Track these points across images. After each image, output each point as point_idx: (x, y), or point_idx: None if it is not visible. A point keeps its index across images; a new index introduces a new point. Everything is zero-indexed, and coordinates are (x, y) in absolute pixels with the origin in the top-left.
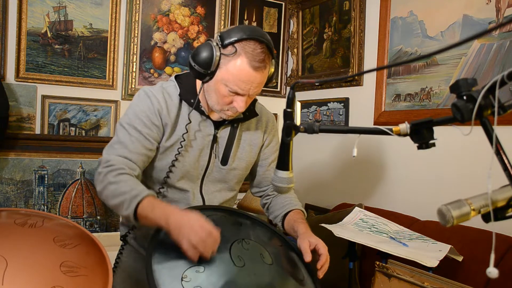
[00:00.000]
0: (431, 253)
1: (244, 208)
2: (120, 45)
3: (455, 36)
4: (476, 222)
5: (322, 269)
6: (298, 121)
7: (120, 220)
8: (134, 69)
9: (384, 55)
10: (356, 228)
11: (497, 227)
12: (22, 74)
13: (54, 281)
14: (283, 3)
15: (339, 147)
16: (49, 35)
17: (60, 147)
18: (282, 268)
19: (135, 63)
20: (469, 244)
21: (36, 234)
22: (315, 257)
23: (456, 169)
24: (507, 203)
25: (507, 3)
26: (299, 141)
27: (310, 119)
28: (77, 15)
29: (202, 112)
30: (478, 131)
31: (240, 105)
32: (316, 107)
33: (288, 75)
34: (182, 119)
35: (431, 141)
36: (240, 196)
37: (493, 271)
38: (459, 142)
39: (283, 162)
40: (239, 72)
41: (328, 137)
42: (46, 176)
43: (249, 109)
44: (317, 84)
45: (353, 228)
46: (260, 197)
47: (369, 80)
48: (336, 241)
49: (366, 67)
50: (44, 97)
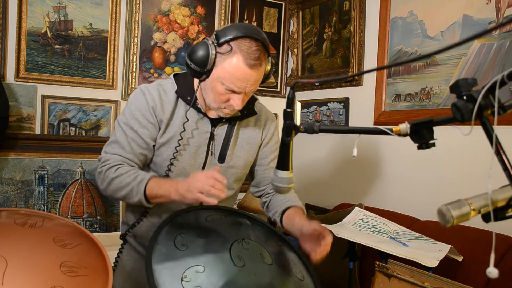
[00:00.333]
0: (431, 253)
1: (244, 208)
2: (120, 45)
3: (455, 36)
4: (476, 222)
5: (324, 248)
6: (298, 121)
7: (122, 219)
8: (134, 69)
9: (384, 55)
10: (356, 228)
11: (497, 227)
12: (22, 74)
13: (54, 281)
14: (283, 3)
15: (339, 147)
16: (49, 35)
17: (60, 147)
18: (282, 268)
19: (135, 63)
20: (469, 244)
21: (36, 234)
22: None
23: (456, 169)
24: (507, 203)
25: (507, 3)
26: (299, 141)
27: (310, 119)
28: (77, 15)
29: (199, 110)
30: (478, 131)
31: (237, 103)
32: (316, 107)
33: (288, 75)
34: (177, 116)
35: (431, 141)
36: (240, 196)
37: (493, 271)
38: (459, 142)
39: (283, 162)
40: (234, 70)
41: (328, 137)
42: (46, 176)
43: (248, 108)
44: (317, 84)
45: (353, 228)
46: (259, 197)
47: (369, 80)
48: (336, 241)
49: (366, 67)
50: (44, 97)
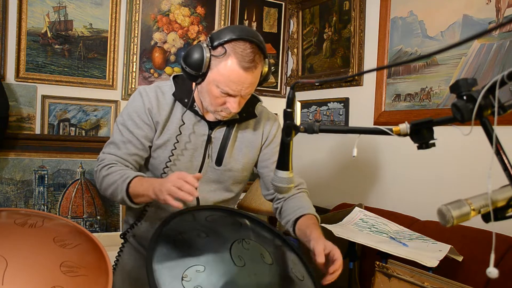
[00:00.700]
0: (431, 253)
1: (244, 208)
2: (120, 45)
3: (455, 36)
4: (476, 222)
5: (334, 275)
6: (298, 121)
7: (123, 218)
8: (134, 69)
9: (384, 55)
10: (356, 228)
11: (497, 227)
12: (22, 74)
13: (54, 281)
14: (283, 3)
15: (339, 147)
16: (49, 35)
17: (60, 147)
18: (282, 268)
19: (135, 63)
20: (469, 244)
21: (36, 234)
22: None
23: (456, 169)
24: (507, 203)
25: (507, 3)
26: (299, 141)
27: (310, 119)
28: (77, 15)
29: (196, 113)
30: (478, 131)
31: (233, 106)
32: (316, 107)
33: (288, 75)
34: (174, 118)
35: (431, 141)
36: (240, 196)
37: (493, 271)
38: (459, 142)
39: (283, 162)
40: (229, 73)
41: (328, 137)
42: (46, 176)
43: (248, 110)
44: (317, 84)
45: (353, 228)
46: (271, 200)
47: (369, 80)
48: (336, 241)
49: (366, 67)
50: (44, 97)
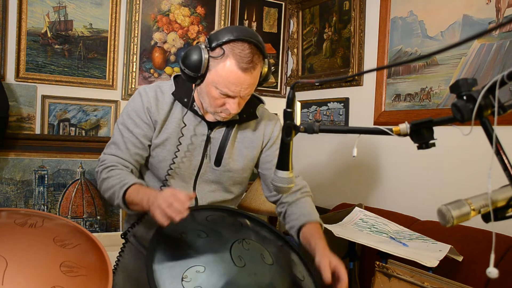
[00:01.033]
0: (431, 253)
1: (244, 208)
2: (120, 45)
3: (455, 36)
4: (476, 222)
5: None
6: (298, 121)
7: (125, 218)
8: (134, 69)
9: (384, 55)
10: (356, 228)
11: (497, 227)
12: (22, 74)
13: (54, 281)
14: (283, 3)
15: (339, 147)
16: (49, 35)
17: (60, 147)
18: (282, 268)
19: (135, 63)
20: (469, 244)
21: (36, 234)
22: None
23: (456, 169)
24: (507, 203)
25: (507, 3)
26: (299, 141)
27: (310, 119)
28: (77, 15)
29: (195, 113)
30: (478, 131)
31: (232, 107)
32: (316, 107)
33: (288, 75)
34: (173, 117)
35: (431, 141)
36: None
37: (493, 271)
38: (459, 142)
39: (283, 162)
40: (228, 74)
41: (328, 137)
42: (46, 176)
43: (248, 111)
44: (317, 84)
45: (353, 228)
46: (274, 203)
47: (369, 80)
48: (336, 241)
49: (366, 67)
50: (44, 97)
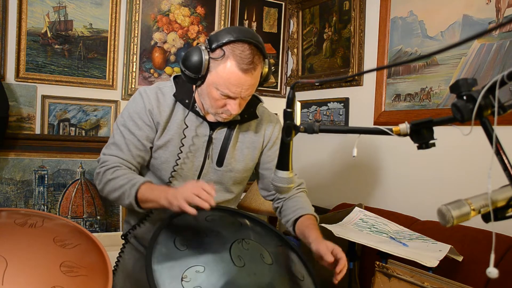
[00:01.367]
0: (431, 253)
1: (244, 208)
2: (120, 45)
3: (455, 36)
4: (476, 222)
5: (341, 273)
6: (298, 121)
7: (125, 218)
8: (134, 69)
9: (384, 55)
10: (356, 228)
11: (497, 227)
12: (22, 74)
13: (54, 281)
14: (283, 3)
15: (339, 147)
16: (49, 35)
17: (60, 147)
18: (282, 268)
19: (135, 63)
20: (469, 244)
21: (36, 234)
22: (324, 262)
23: (456, 169)
24: (507, 203)
25: (507, 3)
26: (299, 141)
27: (310, 119)
28: (77, 15)
29: (197, 113)
30: (478, 131)
31: (234, 108)
32: (316, 107)
33: (288, 75)
34: (175, 119)
35: (431, 141)
36: (241, 197)
37: (493, 271)
38: (459, 142)
39: (283, 162)
40: (228, 76)
41: (328, 137)
42: (46, 176)
43: (249, 111)
44: (317, 84)
45: (353, 228)
46: (271, 200)
47: (369, 80)
48: (336, 241)
49: (366, 67)
50: (44, 97)
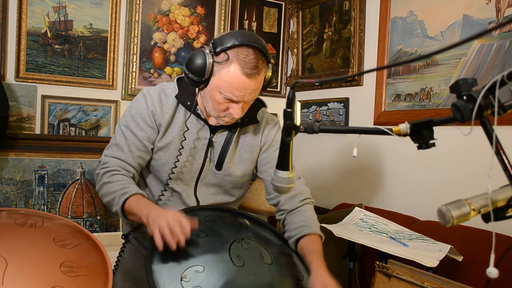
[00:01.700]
0: (431, 253)
1: (244, 208)
2: (120, 45)
3: (455, 36)
4: (476, 222)
5: None
6: (298, 121)
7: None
8: (134, 69)
9: (384, 55)
10: (356, 228)
11: (497, 227)
12: (22, 74)
13: (54, 281)
14: (283, 3)
15: (339, 147)
16: (49, 35)
17: (60, 147)
18: (281, 268)
19: (135, 63)
20: (469, 244)
21: (36, 234)
22: None
23: (456, 169)
24: (507, 203)
25: (507, 3)
26: (299, 141)
27: (310, 119)
28: (77, 15)
29: (199, 116)
30: (478, 131)
31: (236, 111)
32: (316, 107)
33: (288, 75)
34: (177, 121)
35: (431, 141)
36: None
37: (493, 271)
38: (459, 142)
39: (283, 162)
40: (232, 80)
41: (328, 137)
42: (46, 176)
43: (250, 116)
44: (317, 84)
45: (353, 228)
46: (274, 205)
47: (369, 80)
48: (336, 241)
49: (366, 67)
50: (44, 97)
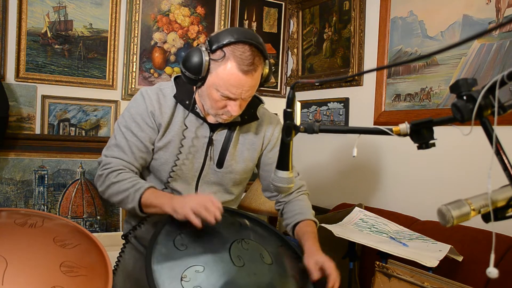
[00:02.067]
0: (431, 253)
1: (244, 208)
2: (120, 45)
3: (455, 36)
4: (476, 222)
5: None
6: (298, 121)
7: (125, 218)
8: (134, 69)
9: (384, 55)
10: (356, 228)
11: (497, 227)
12: (22, 74)
13: (54, 281)
14: (283, 3)
15: (339, 147)
16: (49, 35)
17: (60, 147)
18: (281, 268)
19: (135, 63)
20: (469, 244)
21: (36, 234)
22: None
23: (456, 169)
24: (507, 203)
25: (507, 3)
26: (299, 141)
27: (310, 119)
28: (77, 15)
29: (197, 114)
30: (478, 131)
31: (234, 109)
32: (316, 107)
33: (288, 75)
34: (176, 120)
35: (431, 141)
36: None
37: (493, 271)
38: (459, 142)
39: (283, 162)
40: (228, 77)
41: (328, 137)
42: (46, 176)
43: (249, 113)
44: (317, 84)
45: (353, 228)
46: (273, 200)
47: (369, 80)
48: (336, 241)
49: (366, 67)
50: (44, 97)
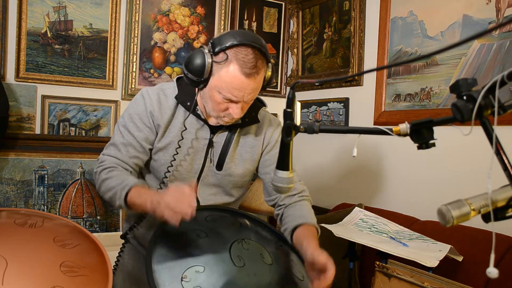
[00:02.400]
0: (431, 253)
1: (244, 208)
2: (120, 45)
3: (455, 36)
4: (476, 222)
5: (320, 284)
6: (298, 121)
7: (125, 218)
8: (134, 69)
9: (384, 55)
10: (356, 228)
11: (497, 227)
12: (22, 74)
13: (54, 281)
14: (283, 3)
15: (339, 147)
16: (49, 35)
17: (60, 147)
18: (282, 268)
19: (135, 63)
20: (469, 244)
21: (36, 234)
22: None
23: (456, 169)
24: (507, 203)
25: (507, 3)
26: (299, 141)
27: (310, 119)
28: (77, 15)
29: (198, 116)
30: (478, 131)
31: (236, 111)
32: (316, 107)
33: (288, 75)
34: (176, 121)
35: (431, 141)
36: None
37: (493, 271)
38: (459, 142)
39: (283, 162)
40: (231, 80)
41: (328, 137)
42: (46, 176)
43: (250, 115)
44: (317, 84)
45: (353, 228)
46: (273, 206)
47: (369, 80)
48: (336, 241)
49: (366, 67)
50: (44, 97)
